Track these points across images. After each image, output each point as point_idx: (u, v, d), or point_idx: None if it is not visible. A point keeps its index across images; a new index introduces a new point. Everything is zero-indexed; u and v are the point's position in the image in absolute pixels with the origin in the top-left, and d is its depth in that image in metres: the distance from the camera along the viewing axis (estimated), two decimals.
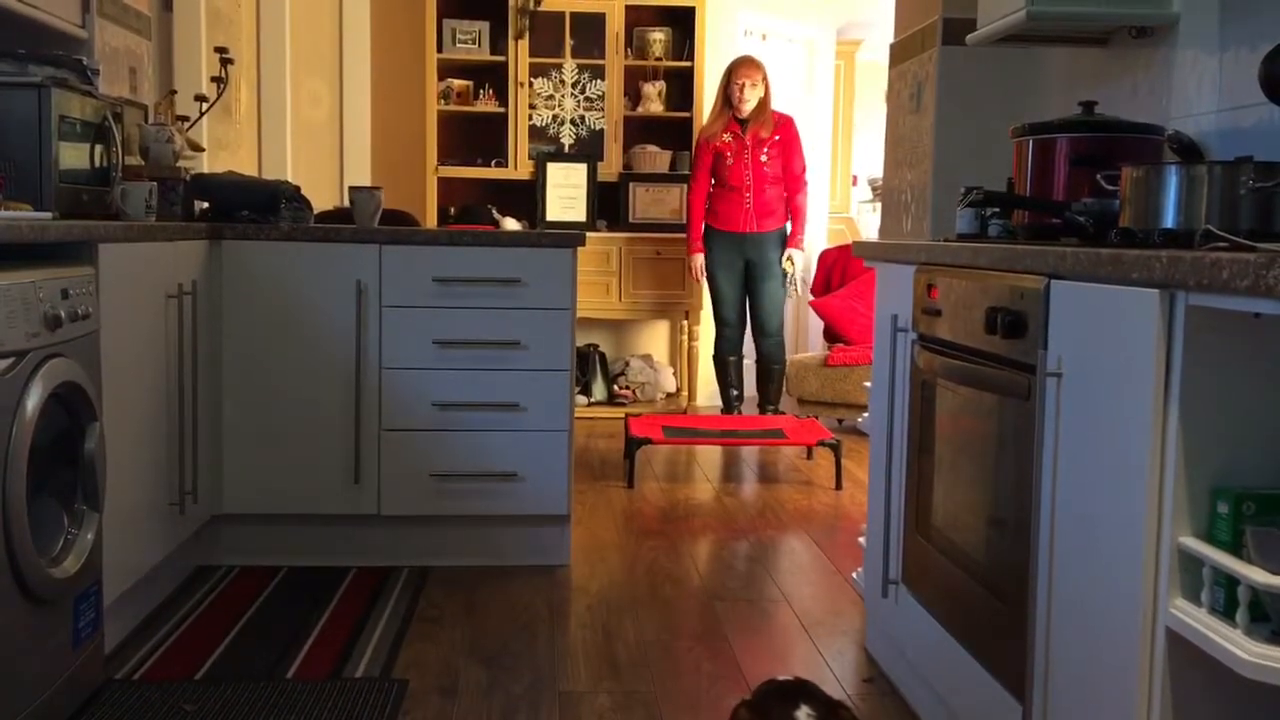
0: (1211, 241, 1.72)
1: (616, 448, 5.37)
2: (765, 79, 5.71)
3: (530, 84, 6.26)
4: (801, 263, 5.99)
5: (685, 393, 6.52)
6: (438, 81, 6.21)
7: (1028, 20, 2.52)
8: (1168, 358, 1.52)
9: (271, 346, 3.38)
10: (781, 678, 1.79)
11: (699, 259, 5.87)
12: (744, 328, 5.93)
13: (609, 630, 3.01)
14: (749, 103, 5.67)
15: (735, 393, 5.94)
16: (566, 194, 6.28)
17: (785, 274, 5.86)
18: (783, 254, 5.83)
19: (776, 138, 5.74)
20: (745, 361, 6.04)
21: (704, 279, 5.91)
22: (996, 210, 2.53)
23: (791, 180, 5.81)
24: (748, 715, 1.71)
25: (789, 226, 5.84)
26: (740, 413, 5.95)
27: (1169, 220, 1.89)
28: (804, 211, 5.87)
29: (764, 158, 5.73)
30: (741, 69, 5.68)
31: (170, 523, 3.01)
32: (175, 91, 4.27)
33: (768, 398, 5.92)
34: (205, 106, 4.15)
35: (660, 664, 2.78)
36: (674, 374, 6.67)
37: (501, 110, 6.27)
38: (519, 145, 6.28)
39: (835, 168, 7.79)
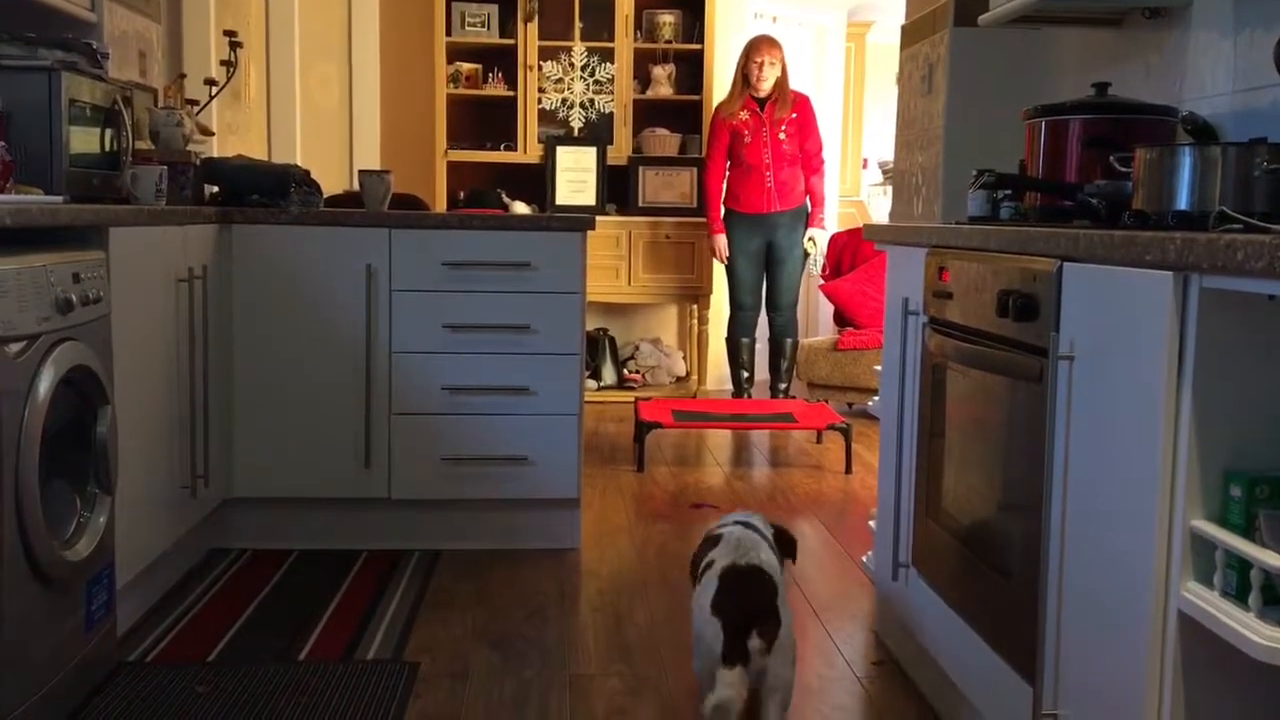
0: (1226, 223, 1.71)
1: (626, 432, 5.38)
2: (783, 58, 5.71)
3: (539, 67, 6.24)
4: (824, 242, 5.99)
5: (695, 377, 6.52)
6: (447, 65, 6.19)
7: (1041, 1, 2.50)
8: (1181, 340, 1.51)
9: (282, 331, 3.38)
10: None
11: (721, 239, 5.86)
12: (759, 311, 5.94)
13: (619, 614, 3.02)
14: (767, 80, 5.67)
15: (746, 374, 5.95)
16: (576, 178, 6.27)
17: (808, 255, 5.86)
18: (803, 233, 5.83)
19: (794, 115, 5.74)
20: (757, 345, 6.05)
21: (726, 259, 5.89)
22: (1008, 192, 2.52)
23: (809, 160, 5.81)
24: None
25: (808, 204, 5.84)
26: (750, 396, 5.95)
27: (1183, 202, 1.88)
28: (822, 192, 5.89)
29: (782, 136, 5.73)
30: (760, 47, 5.68)
31: (182, 506, 3.02)
32: (185, 75, 4.27)
33: (779, 376, 5.92)
34: (215, 90, 4.15)
35: (671, 647, 2.79)
36: (684, 358, 6.67)
37: (511, 94, 6.26)
38: (528, 129, 6.27)
39: (846, 151, 7.77)
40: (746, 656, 2.09)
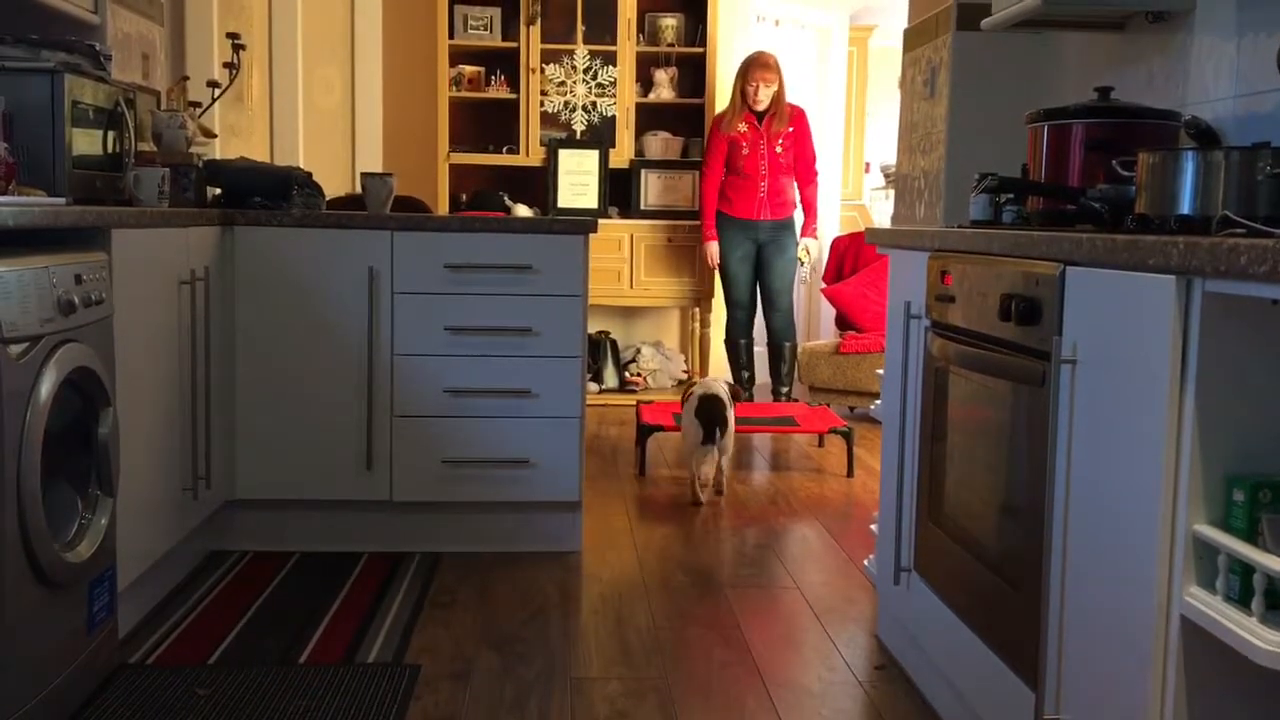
0: (1229, 227, 1.71)
1: (628, 435, 5.38)
2: (779, 75, 5.80)
3: (542, 70, 6.24)
4: (817, 252, 6.07)
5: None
6: (449, 68, 6.19)
7: (1044, 5, 2.50)
8: (1184, 344, 1.51)
9: (284, 333, 3.38)
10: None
11: (713, 247, 5.94)
12: (755, 310, 6.00)
13: (621, 617, 3.02)
14: (763, 102, 5.81)
15: (747, 374, 6.00)
16: (578, 181, 6.27)
17: (801, 263, 5.94)
18: (792, 240, 5.89)
19: (790, 129, 5.84)
20: (756, 348, 6.08)
21: (717, 266, 5.96)
22: (1011, 196, 2.52)
23: (804, 171, 5.94)
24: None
25: (801, 213, 5.93)
26: (752, 399, 5.96)
27: (1185, 206, 1.88)
28: (815, 202, 6.00)
29: (779, 148, 5.84)
30: (754, 71, 5.78)
31: (184, 508, 3.02)
32: (188, 77, 4.27)
33: (780, 379, 5.94)
34: (217, 92, 4.15)
35: (672, 650, 2.79)
36: (685, 361, 6.67)
37: (513, 96, 6.26)
38: (530, 132, 6.27)
39: (848, 154, 7.77)
40: (713, 439, 4.10)
